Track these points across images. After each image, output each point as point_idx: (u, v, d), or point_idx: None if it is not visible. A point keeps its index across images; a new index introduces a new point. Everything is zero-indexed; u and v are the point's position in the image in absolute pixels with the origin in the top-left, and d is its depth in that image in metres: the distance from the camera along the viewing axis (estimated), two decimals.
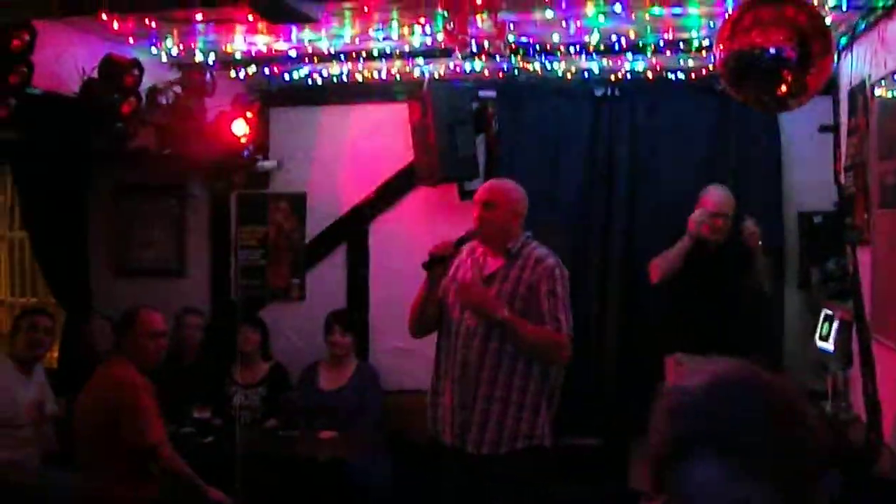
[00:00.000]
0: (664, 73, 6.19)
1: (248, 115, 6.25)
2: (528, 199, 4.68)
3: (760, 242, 5.59)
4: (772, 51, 3.63)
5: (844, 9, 4.64)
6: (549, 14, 4.97)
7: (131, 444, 4.89)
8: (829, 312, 5.47)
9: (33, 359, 5.69)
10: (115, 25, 4.90)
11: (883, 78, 4.44)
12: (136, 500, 4.96)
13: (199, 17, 4.81)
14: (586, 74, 6.28)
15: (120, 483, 4.92)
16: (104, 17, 4.40)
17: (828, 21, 4.11)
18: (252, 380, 6.45)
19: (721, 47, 3.75)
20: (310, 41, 5.54)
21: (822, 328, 5.54)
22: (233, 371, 6.50)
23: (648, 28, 5.33)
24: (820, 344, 5.51)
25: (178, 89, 5.85)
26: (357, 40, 5.56)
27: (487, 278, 4.45)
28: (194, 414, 5.89)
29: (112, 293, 6.87)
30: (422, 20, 5.11)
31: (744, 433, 1.50)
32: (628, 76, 6.27)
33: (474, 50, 5.37)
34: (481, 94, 6.63)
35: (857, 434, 4.62)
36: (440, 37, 5.35)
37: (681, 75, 6.18)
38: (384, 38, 5.51)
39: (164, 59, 5.77)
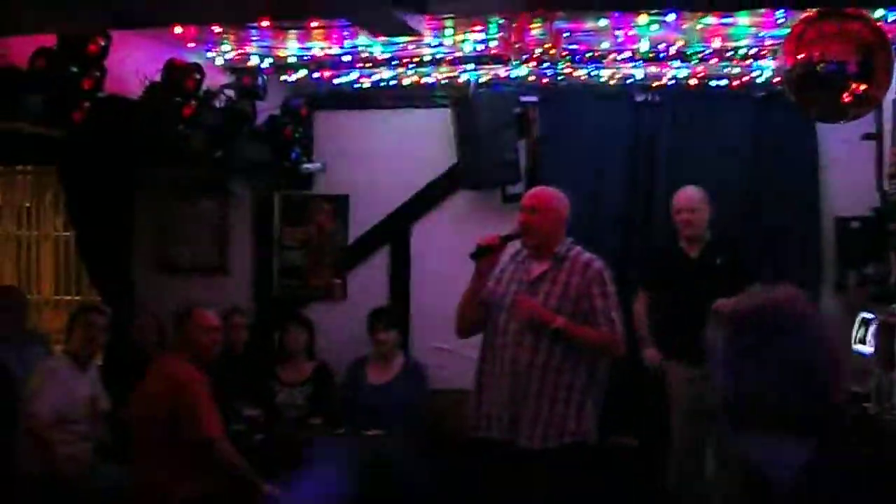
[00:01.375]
0: (706, 81, 6.30)
1: (297, 118, 6.35)
2: (570, 203, 4.83)
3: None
4: (836, 63, 3.75)
5: (889, 20, 4.75)
6: (603, 22, 5.09)
7: (190, 437, 4.97)
8: (868, 316, 5.57)
9: (89, 355, 5.79)
10: (178, 30, 5.03)
11: None
12: (193, 493, 5.05)
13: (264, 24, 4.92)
14: (629, 81, 6.40)
15: (176, 478, 5.01)
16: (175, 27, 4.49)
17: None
18: (297, 378, 6.54)
19: (787, 59, 3.87)
20: (365, 47, 5.65)
21: (858, 331, 5.64)
22: (277, 370, 6.60)
23: (696, 37, 5.45)
24: (857, 347, 5.61)
25: (230, 92, 5.95)
26: (410, 46, 5.67)
27: (533, 282, 4.60)
28: (244, 412, 5.98)
29: (155, 290, 6.97)
30: (477, 27, 5.22)
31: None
32: (670, 83, 6.39)
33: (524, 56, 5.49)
34: (523, 99, 6.74)
35: None
36: (492, 43, 5.48)
37: (722, 82, 6.29)
38: (437, 45, 5.61)
39: (220, 62, 5.88)
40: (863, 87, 3.76)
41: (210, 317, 5.31)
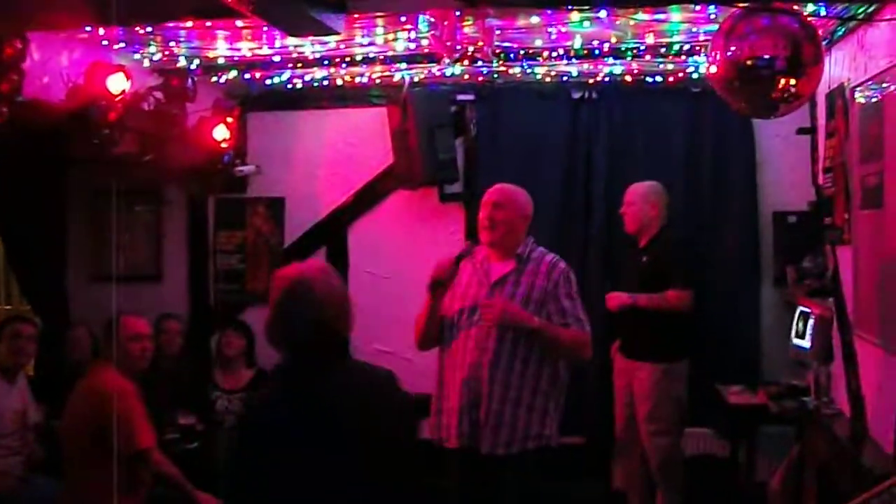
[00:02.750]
0: (642, 77, 6.30)
1: (229, 119, 6.24)
2: None
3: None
4: (766, 58, 3.72)
5: (823, 14, 4.74)
6: (535, 20, 5.04)
7: (122, 450, 4.86)
8: (805, 310, 5.58)
9: (17, 367, 5.63)
10: (101, 31, 4.90)
11: (863, 82, 4.56)
12: None
13: (188, 24, 4.81)
14: (565, 78, 6.37)
15: (108, 491, 4.89)
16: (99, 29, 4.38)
17: None
18: (236, 385, 6.43)
19: (716, 55, 3.84)
20: (294, 46, 5.56)
21: (797, 325, 5.66)
22: (216, 376, 6.49)
23: (629, 33, 5.42)
24: (795, 341, 5.62)
25: (159, 94, 5.81)
26: (341, 46, 5.59)
27: (495, 283, 4.44)
28: (179, 420, 5.87)
29: (88, 300, 6.81)
30: (408, 26, 5.15)
31: None
32: (606, 79, 6.37)
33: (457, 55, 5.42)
34: (459, 97, 6.69)
35: (841, 428, 4.73)
36: (424, 42, 5.41)
37: (658, 78, 6.28)
38: (368, 44, 5.54)
39: (147, 64, 5.75)
40: (792, 82, 3.73)
41: (140, 325, 5.20)
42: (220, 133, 6.22)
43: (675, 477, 5.88)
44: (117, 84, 5.10)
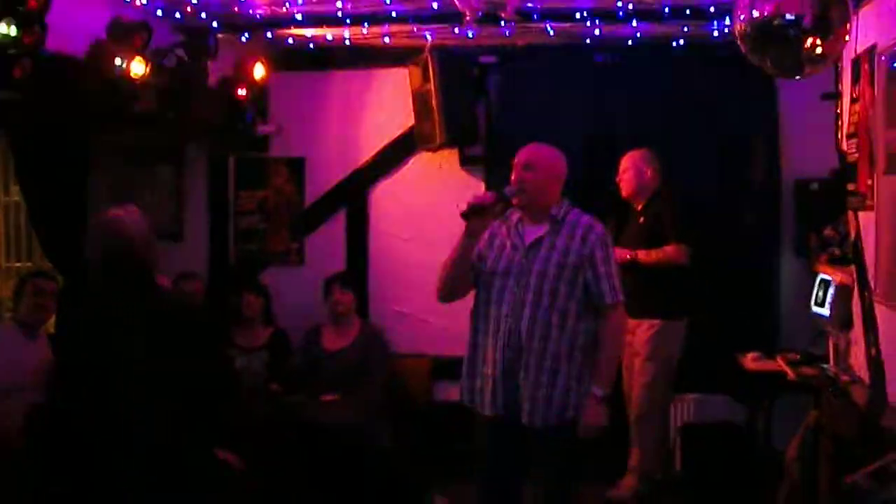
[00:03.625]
0: (665, 41, 6.24)
1: (251, 79, 6.23)
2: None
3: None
4: (791, 17, 3.68)
5: None
6: None
7: None
8: (826, 277, 5.55)
9: (38, 322, 5.66)
10: None
11: (891, 46, 4.50)
12: None
13: None
14: (587, 41, 6.32)
15: None
16: None
17: None
18: (254, 344, 6.44)
19: (742, 14, 3.80)
20: (317, 3, 5.54)
21: (818, 293, 5.64)
22: (234, 336, 6.52)
23: None
24: (815, 309, 5.60)
25: (181, 52, 5.81)
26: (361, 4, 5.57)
27: (530, 246, 4.28)
28: None
29: None
30: None
31: None
32: (629, 42, 6.31)
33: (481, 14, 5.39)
34: (482, 59, 6.65)
35: (860, 395, 4.72)
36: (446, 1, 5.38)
37: (681, 42, 6.23)
38: (391, 2, 5.50)
39: (168, 21, 5.74)
40: (818, 42, 3.69)
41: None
42: (242, 92, 6.21)
43: (647, 436, 5.94)
44: (139, 39, 5.11)
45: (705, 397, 6.23)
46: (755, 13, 3.76)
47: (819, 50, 3.75)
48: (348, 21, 5.86)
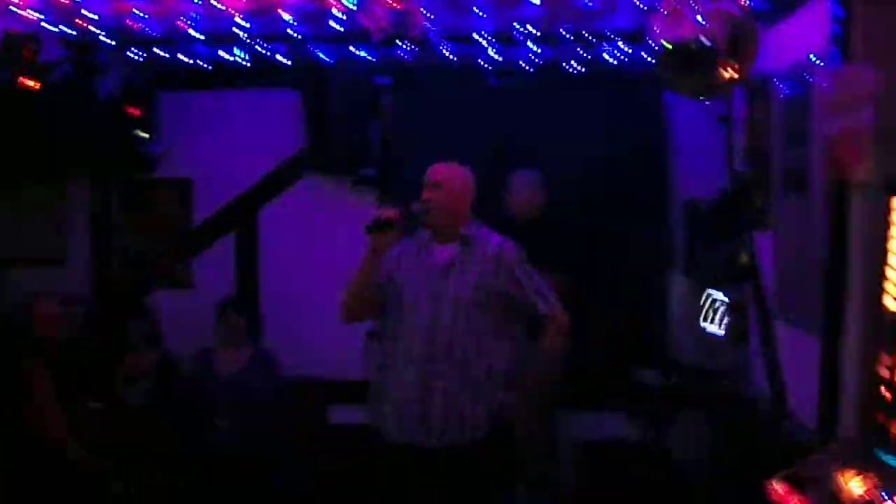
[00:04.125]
0: (559, 63, 6.31)
1: (138, 98, 6.05)
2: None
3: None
4: (706, 41, 3.77)
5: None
6: None
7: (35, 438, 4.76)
8: (716, 296, 5.69)
9: None
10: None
11: (785, 70, 4.64)
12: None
13: None
14: (483, 63, 6.34)
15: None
16: None
17: None
18: (140, 370, 6.24)
19: (657, 35, 3.88)
20: (210, 21, 5.40)
21: (708, 311, 5.77)
22: (118, 362, 6.28)
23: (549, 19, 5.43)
24: (708, 327, 5.73)
25: (67, 68, 5.61)
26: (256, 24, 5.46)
27: (443, 268, 4.23)
28: (88, 405, 5.69)
29: None
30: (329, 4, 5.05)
31: None
32: (523, 65, 6.36)
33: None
34: (376, 80, 6.61)
35: (762, 409, 4.84)
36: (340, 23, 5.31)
37: (575, 65, 6.31)
38: (289, 21, 5.41)
39: (56, 36, 5.52)
40: (730, 65, 3.80)
41: (51, 308, 5.08)
42: (130, 111, 6.03)
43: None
44: (28, 52, 4.92)
45: (602, 414, 6.29)
46: (670, 37, 3.82)
47: (729, 73, 3.83)
48: (246, 39, 5.72)
